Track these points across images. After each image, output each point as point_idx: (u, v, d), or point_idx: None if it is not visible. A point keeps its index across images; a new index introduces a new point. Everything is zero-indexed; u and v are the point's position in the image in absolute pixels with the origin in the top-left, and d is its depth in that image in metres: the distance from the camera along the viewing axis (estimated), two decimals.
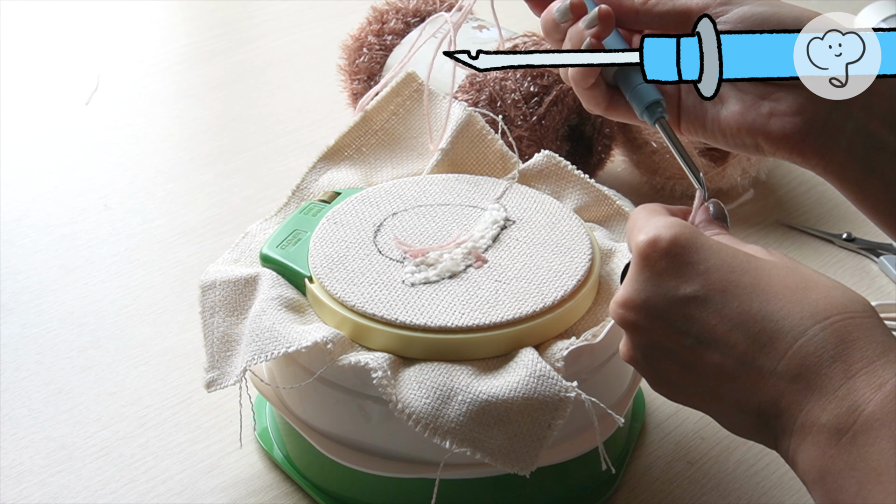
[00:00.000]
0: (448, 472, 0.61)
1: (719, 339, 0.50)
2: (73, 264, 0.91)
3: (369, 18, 1.02)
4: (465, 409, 0.58)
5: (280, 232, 0.70)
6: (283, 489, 0.71)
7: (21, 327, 0.84)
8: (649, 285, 0.52)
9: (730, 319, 0.50)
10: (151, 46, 1.28)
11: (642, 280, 0.52)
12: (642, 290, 0.52)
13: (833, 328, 0.48)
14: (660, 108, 0.58)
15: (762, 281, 0.50)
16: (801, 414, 0.48)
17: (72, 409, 0.76)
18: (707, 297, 0.50)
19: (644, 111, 0.59)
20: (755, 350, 0.49)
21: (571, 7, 0.60)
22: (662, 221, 0.53)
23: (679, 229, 0.52)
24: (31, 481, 0.71)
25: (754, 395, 0.50)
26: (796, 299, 0.49)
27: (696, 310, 0.51)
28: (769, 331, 0.49)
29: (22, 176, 1.03)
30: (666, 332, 0.52)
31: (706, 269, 0.51)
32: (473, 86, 0.91)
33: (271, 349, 0.62)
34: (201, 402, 0.76)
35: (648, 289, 0.52)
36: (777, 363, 0.49)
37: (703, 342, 0.51)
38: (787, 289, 0.50)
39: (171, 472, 0.72)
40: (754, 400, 0.50)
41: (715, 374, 0.51)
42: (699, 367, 0.51)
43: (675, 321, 0.51)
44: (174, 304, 0.86)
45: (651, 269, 0.52)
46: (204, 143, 1.09)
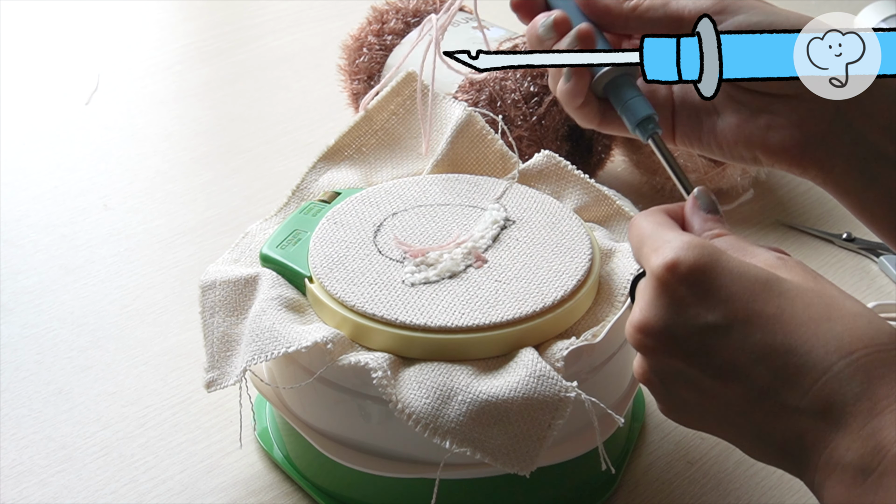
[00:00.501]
0: (448, 472, 0.61)
1: (741, 370, 0.49)
2: (73, 264, 0.91)
3: (369, 18, 1.02)
4: (465, 409, 0.58)
5: (280, 232, 0.70)
6: (283, 489, 0.71)
7: (21, 327, 0.84)
8: (669, 312, 0.50)
9: (753, 351, 0.49)
10: (151, 46, 1.28)
11: (661, 306, 0.50)
12: (661, 317, 0.50)
13: (858, 364, 0.47)
14: (652, 123, 0.57)
15: (786, 311, 0.49)
16: (826, 451, 0.47)
17: (72, 409, 0.76)
18: (730, 327, 0.49)
19: (636, 127, 0.58)
20: (778, 384, 0.48)
21: (555, 24, 0.59)
22: (679, 241, 0.51)
23: (699, 252, 0.50)
24: (32, 481, 0.71)
25: (777, 428, 0.49)
26: (821, 332, 0.48)
27: (717, 339, 0.49)
28: (793, 365, 0.48)
29: (22, 176, 1.03)
30: (686, 360, 0.50)
31: (728, 296, 0.49)
32: (473, 86, 0.91)
33: (271, 349, 0.62)
34: (201, 402, 0.76)
35: (668, 316, 0.50)
36: (801, 399, 0.48)
37: (724, 373, 0.49)
38: (812, 320, 0.48)
39: (171, 472, 0.72)
40: (777, 433, 0.49)
41: (736, 405, 0.50)
42: (719, 396, 0.50)
43: (696, 350, 0.50)
44: (174, 304, 0.86)
45: (671, 297, 0.50)
46: (204, 143, 1.09)
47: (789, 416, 0.48)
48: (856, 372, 0.47)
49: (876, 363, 0.47)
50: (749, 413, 0.49)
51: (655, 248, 0.51)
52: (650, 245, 0.52)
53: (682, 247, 0.50)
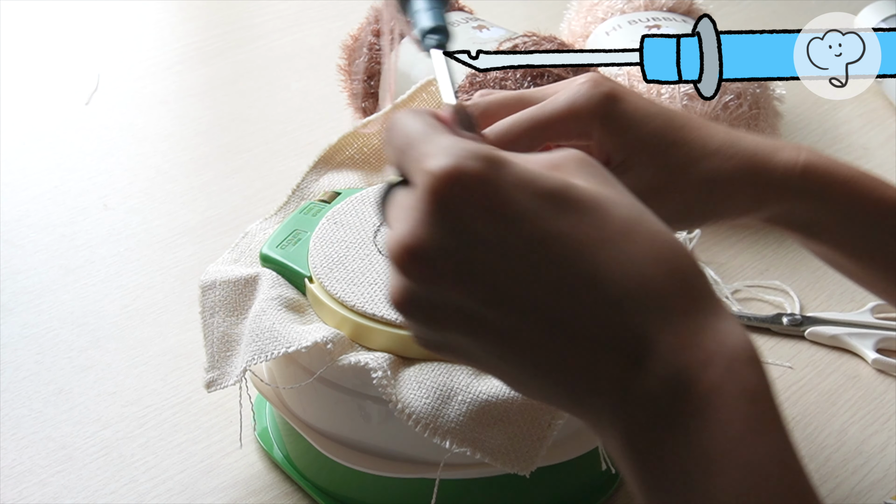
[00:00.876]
0: (448, 472, 0.61)
1: (532, 300, 0.42)
2: (73, 264, 0.91)
3: (369, 18, 1.02)
4: (465, 408, 0.58)
5: (280, 232, 0.70)
6: (283, 489, 0.71)
7: (21, 327, 0.84)
8: (448, 231, 0.42)
9: (546, 279, 0.42)
10: (151, 46, 1.28)
11: (437, 224, 0.42)
12: (438, 237, 0.42)
13: (659, 293, 0.42)
14: (439, 34, 0.54)
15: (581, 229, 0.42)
16: (623, 391, 0.42)
17: (72, 409, 0.76)
18: (521, 250, 0.42)
19: (422, 36, 0.54)
20: (573, 315, 0.42)
21: None
22: (459, 147, 0.43)
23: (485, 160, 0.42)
24: (31, 481, 0.71)
25: (569, 364, 0.43)
26: (620, 255, 0.42)
27: (506, 265, 0.42)
28: (590, 294, 0.42)
29: (22, 176, 1.03)
30: (466, 289, 0.43)
31: (518, 213, 0.42)
32: (473, 86, 0.91)
33: (271, 349, 0.62)
34: (201, 402, 0.76)
35: (446, 236, 0.42)
36: (598, 332, 0.42)
37: (512, 303, 0.43)
38: (610, 239, 0.42)
39: (171, 472, 0.72)
40: (568, 370, 0.43)
41: (522, 339, 0.43)
42: (502, 330, 0.43)
43: (480, 278, 0.42)
44: (174, 304, 0.86)
45: (451, 213, 0.42)
46: (204, 143, 1.09)
47: (582, 353, 0.42)
48: (656, 304, 0.42)
49: (675, 293, 0.42)
50: (537, 348, 0.43)
51: (429, 152, 0.43)
52: (421, 149, 0.44)
53: (464, 154, 0.42)
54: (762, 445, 0.40)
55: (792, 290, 0.87)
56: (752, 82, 0.92)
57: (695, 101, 0.90)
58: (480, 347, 0.44)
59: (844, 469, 0.71)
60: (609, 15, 1.05)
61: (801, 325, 0.82)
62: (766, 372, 0.42)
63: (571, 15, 1.12)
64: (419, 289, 0.44)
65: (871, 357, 0.79)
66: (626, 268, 0.42)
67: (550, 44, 0.90)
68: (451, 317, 0.44)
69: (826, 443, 0.73)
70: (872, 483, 0.71)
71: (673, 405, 0.41)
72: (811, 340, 0.82)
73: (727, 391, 0.41)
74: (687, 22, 1.02)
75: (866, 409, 0.76)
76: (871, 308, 0.84)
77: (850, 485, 0.70)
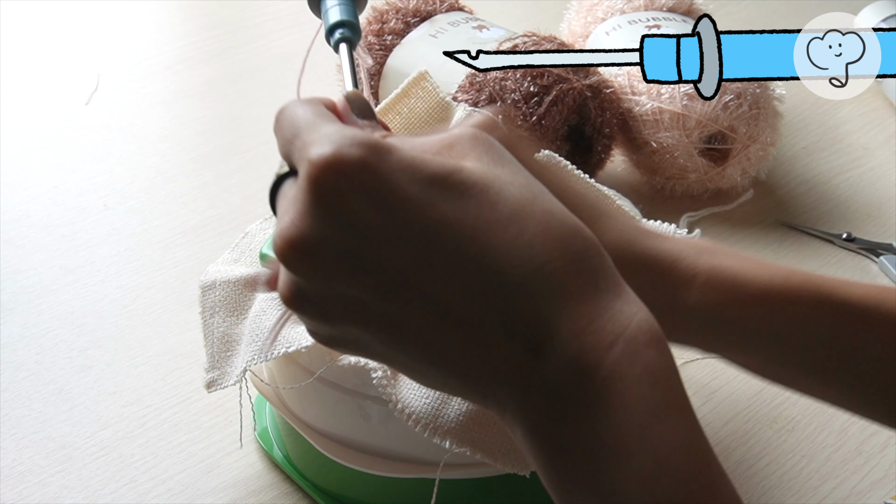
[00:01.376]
0: (448, 472, 0.61)
1: (421, 289, 0.41)
2: (72, 264, 0.91)
3: (369, 18, 1.02)
4: (464, 408, 0.58)
5: None
6: (282, 489, 0.71)
7: (21, 327, 0.84)
8: (329, 221, 0.41)
9: (433, 265, 0.41)
10: (151, 46, 1.28)
11: (319, 214, 0.41)
12: (320, 228, 0.41)
13: (553, 278, 0.40)
14: (343, 28, 0.55)
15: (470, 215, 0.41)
16: (522, 382, 0.40)
17: (71, 409, 0.76)
18: (406, 237, 0.41)
19: (327, 33, 0.55)
20: (465, 305, 0.41)
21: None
22: (340, 134, 0.42)
23: (366, 148, 0.41)
24: (31, 481, 0.71)
25: (464, 355, 0.42)
26: (510, 239, 0.41)
27: (390, 252, 0.41)
28: (482, 281, 0.40)
29: (22, 176, 1.03)
30: (350, 279, 0.42)
31: (402, 199, 0.41)
32: (473, 86, 0.91)
33: (271, 349, 0.62)
34: (201, 402, 0.76)
35: (328, 226, 0.41)
36: (493, 321, 0.40)
37: (399, 292, 0.41)
38: (499, 223, 0.41)
39: (170, 472, 0.72)
40: (463, 360, 0.42)
41: (413, 330, 0.42)
42: (391, 320, 0.42)
43: (364, 267, 0.41)
44: (174, 304, 0.86)
45: (332, 201, 0.41)
46: (204, 143, 1.09)
47: (478, 342, 0.41)
48: (551, 288, 0.40)
49: (571, 275, 0.40)
50: (431, 337, 0.42)
51: (312, 141, 0.42)
52: (305, 137, 0.43)
53: (346, 141, 0.41)
54: (666, 431, 0.39)
55: None
56: (752, 82, 0.92)
57: (695, 101, 0.90)
58: (376, 339, 0.43)
59: (844, 469, 0.71)
60: (609, 15, 1.05)
61: None
62: (669, 353, 0.40)
63: (571, 15, 1.12)
64: (305, 282, 0.42)
65: None
66: (519, 251, 0.40)
67: (550, 44, 0.90)
68: (341, 309, 0.42)
69: (826, 443, 0.73)
70: (872, 483, 0.71)
71: (574, 392, 0.39)
72: None
73: (628, 375, 0.39)
74: (687, 22, 1.02)
75: None
76: None
77: (850, 485, 0.70)
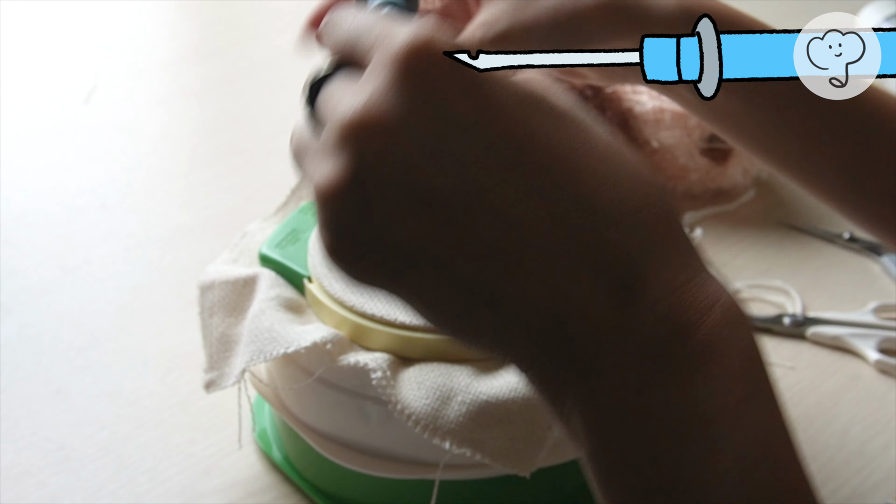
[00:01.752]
0: (448, 473, 0.61)
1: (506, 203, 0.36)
2: (71, 264, 0.90)
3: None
4: (464, 409, 0.58)
5: (279, 232, 0.70)
6: (282, 490, 0.70)
7: (19, 327, 0.84)
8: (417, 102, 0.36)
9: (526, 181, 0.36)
10: (150, 45, 1.28)
11: (404, 93, 0.36)
12: (404, 106, 0.36)
13: (648, 224, 0.36)
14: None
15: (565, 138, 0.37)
16: (609, 324, 0.35)
17: (70, 410, 0.76)
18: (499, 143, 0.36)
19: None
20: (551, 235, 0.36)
21: None
22: (425, 25, 0.37)
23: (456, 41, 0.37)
24: (30, 482, 0.71)
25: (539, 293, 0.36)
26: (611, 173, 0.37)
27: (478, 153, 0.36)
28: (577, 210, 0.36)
29: (20, 175, 1.03)
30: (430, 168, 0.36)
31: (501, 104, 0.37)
32: None
33: (270, 350, 0.62)
34: (200, 402, 0.76)
35: (414, 106, 0.36)
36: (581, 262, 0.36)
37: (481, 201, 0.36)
38: (596, 155, 0.37)
39: (169, 472, 0.71)
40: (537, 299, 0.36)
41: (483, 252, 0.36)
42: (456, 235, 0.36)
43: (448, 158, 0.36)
44: (173, 304, 0.86)
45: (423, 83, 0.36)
46: (202, 143, 1.09)
47: (561, 268, 0.36)
48: (647, 234, 0.36)
49: (666, 228, 0.37)
50: (502, 252, 0.36)
51: (393, 31, 0.37)
52: (381, 30, 0.38)
53: (440, 31, 0.37)
54: (763, 416, 0.36)
55: (794, 290, 0.86)
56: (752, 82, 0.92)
57: None
58: (438, 242, 0.36)
59: (847, 470, 0.71)
60: None
61: (803, 325, 0.82)
62: (758, 336, 0.37)
63: None
64: (369, 168, 0.36)
65: (874, 358, 0.79)
66: (615, 189, 0.36)
67: None
68: (404, 199, 0.36)
69: (828, 444, 0.73)
70: (875, 484, 0.70)
71: (668, 351, 0.35)
72: (813, 341, 0.82)
73: (728, 343, 0.35)
74: None
75: (868, 409, 0.76)
76: (874, 308, 0.84)
77: (853, 486, 0.70)
